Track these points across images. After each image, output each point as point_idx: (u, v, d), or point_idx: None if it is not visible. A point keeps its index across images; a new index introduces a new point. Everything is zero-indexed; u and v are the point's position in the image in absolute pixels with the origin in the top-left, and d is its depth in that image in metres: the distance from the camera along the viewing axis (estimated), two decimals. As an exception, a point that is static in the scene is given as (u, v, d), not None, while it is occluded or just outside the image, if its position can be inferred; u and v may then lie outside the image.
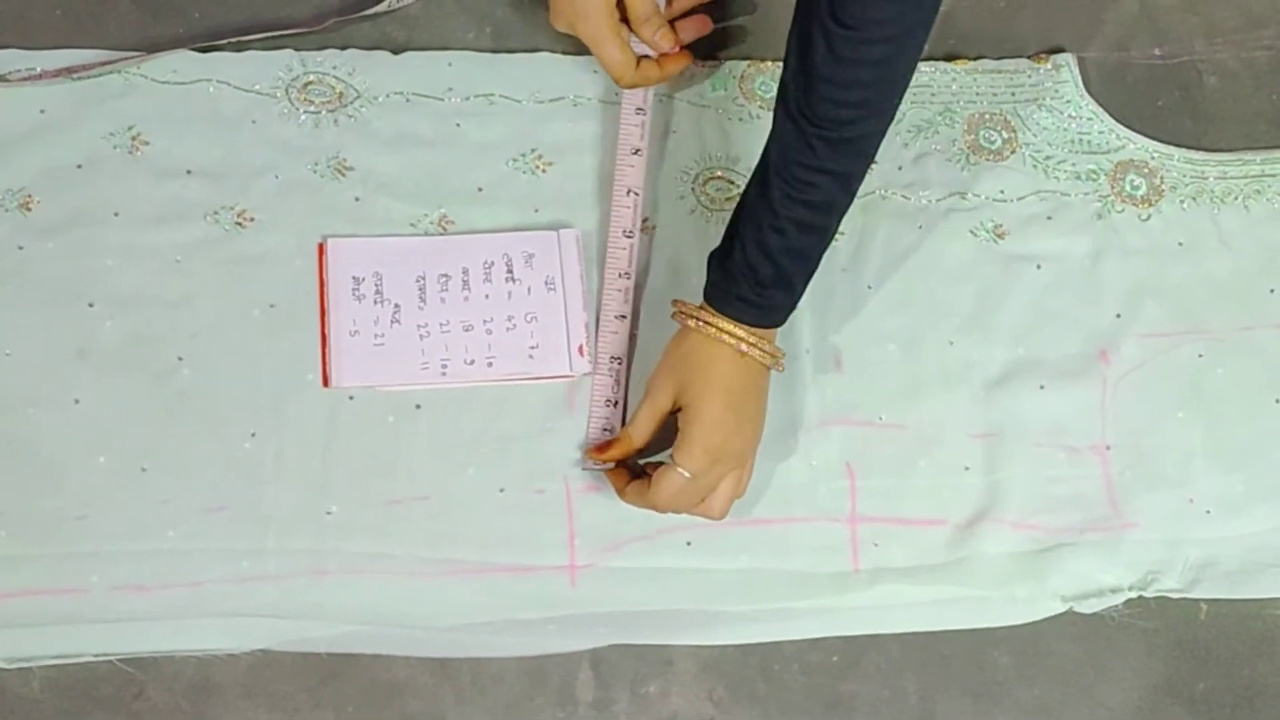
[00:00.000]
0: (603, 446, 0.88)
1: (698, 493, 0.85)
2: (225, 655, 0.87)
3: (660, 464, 0.86)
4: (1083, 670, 0.92)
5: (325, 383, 0.90)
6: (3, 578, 0.84)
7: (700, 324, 0.84)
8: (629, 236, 0.93)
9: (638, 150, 0.95)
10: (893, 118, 0.81)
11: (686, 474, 0.84)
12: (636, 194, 0.94)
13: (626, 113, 0.96)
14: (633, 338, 0.93)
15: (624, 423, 0.91)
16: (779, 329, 0.86)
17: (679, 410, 0.85)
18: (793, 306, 0.86)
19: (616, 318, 0.93)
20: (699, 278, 0.88)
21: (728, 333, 0.84)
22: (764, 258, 0.82)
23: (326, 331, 0.91)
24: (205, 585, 0.86)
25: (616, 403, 0.91)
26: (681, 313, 0.86)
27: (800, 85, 0.78)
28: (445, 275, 0.93)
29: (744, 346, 0.84)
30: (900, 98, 0.81)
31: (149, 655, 0.86)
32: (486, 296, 0.93)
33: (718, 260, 0.86)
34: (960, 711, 0.90)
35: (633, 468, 0.89)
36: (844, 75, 0.77)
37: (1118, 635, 0.92)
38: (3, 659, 0.84)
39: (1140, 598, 0.92)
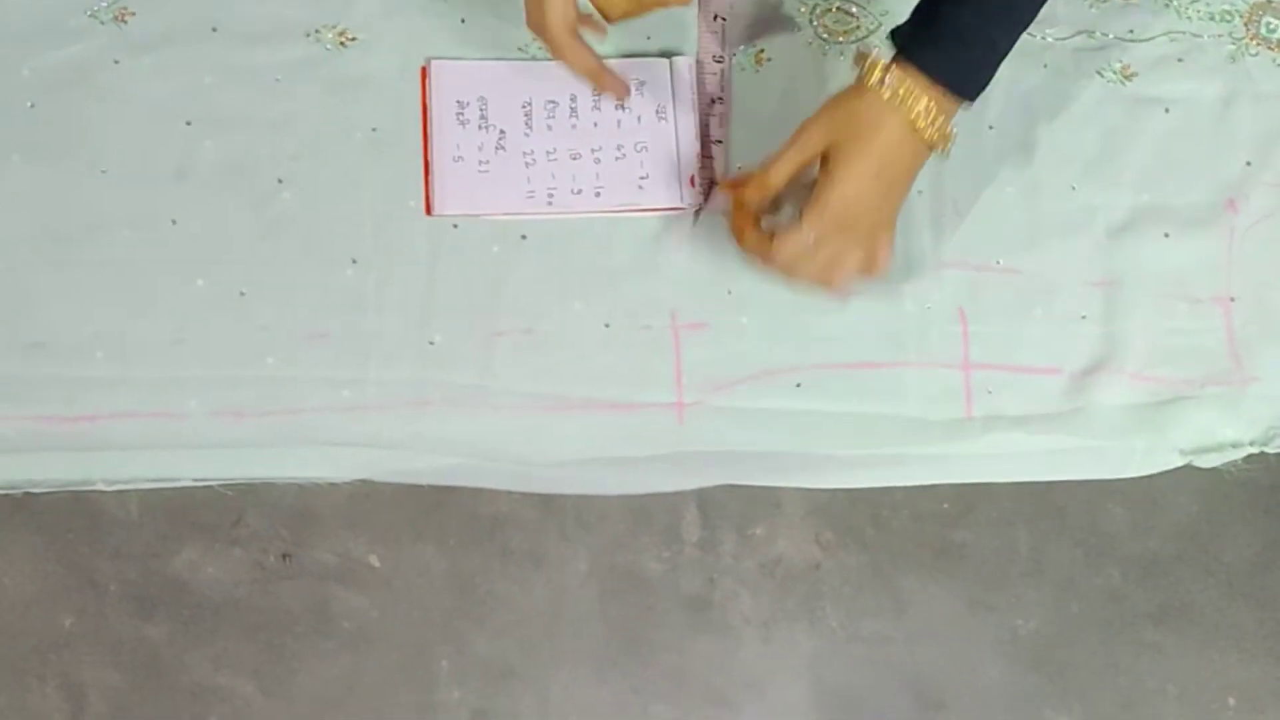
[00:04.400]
0: (736, 182, 0.85)
1: (819, 261, 0.81)
2: (326, 484, 0.88)
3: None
4: (1198, 525, 0.93)
5: (428, 210, 0.88)
6: (100, 399, 0.84)
7: (886, 80, 0.79)
8: (719, 62, 0.92)
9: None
10: None
11: (813, 235, 0.81)
12: (723, 19, 0.92)
13: None
14: (739, 170, 0.91)
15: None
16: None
17: (821, 166, 0.82)
18: (985, 77, 0.82)
19: (714, 143, 0.90)
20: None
21: (911, 97, 0.79)
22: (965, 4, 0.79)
23: (430, 157, 0.89)
24: (305, 413, 0.85)
25: None
26: (870, 65, 0.80)
27: None
28: (553, 102, 0.91)
29: (920, 120, 0.79)
30: None
31: (248, 481, 0.88)
32: (595, 124, 0.90)
33: (919, 8, 0.81)
34: (1071, 563, 0.92)
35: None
36: None
37: (1236, 491, 0.94)
38: (101, 480, 0.85)
39: (1261, 454, 0.91)
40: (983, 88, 0.81)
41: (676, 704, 0.90)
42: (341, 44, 0.91)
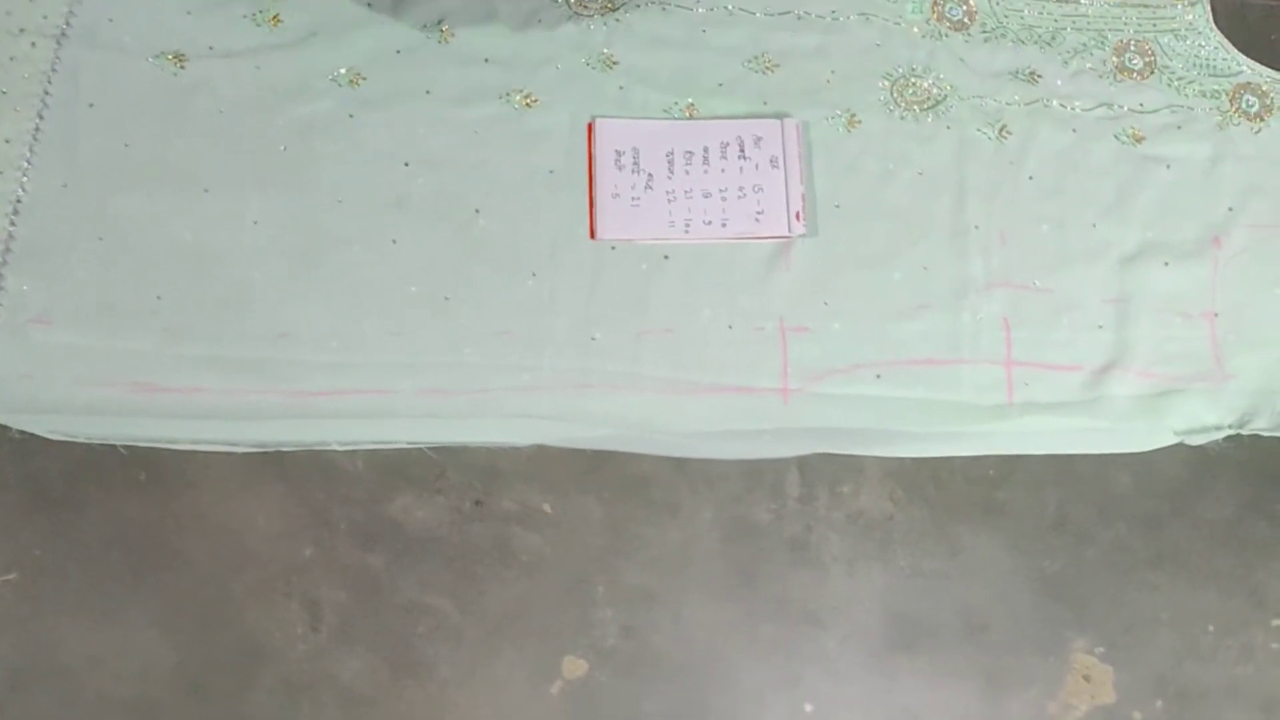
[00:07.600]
0: None
1: None
2: (510, 448, 0.96)
3: None
4: (1187, 490, 1.01)
5: (592, 235, 1.00)
6: (334, 378, 0.94)
7: None
8: None
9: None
10: None
11: None
12: None
13: None
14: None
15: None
16: None
17: None
18: None
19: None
20: (898, 166, 1.01)
21: None
22: None
23: (594, 194, 1.01)
24: (494, 392, 0.95)
25: None
26: None
27: None
28: (690, 152, 1.03)
29: None
30: None
31: (449, 444, 0.95)
32: (723, 170, 1.03)
33: None
34: (1088, 518, 0.99)
35: None
36: None
37: (1216, 463, 1.02)
38: (335, 442, 0.94)
39: (1237, 434, 1.01)
40: None
41: (780, 623, 0.96)
42: (526, 105, 1.03)
